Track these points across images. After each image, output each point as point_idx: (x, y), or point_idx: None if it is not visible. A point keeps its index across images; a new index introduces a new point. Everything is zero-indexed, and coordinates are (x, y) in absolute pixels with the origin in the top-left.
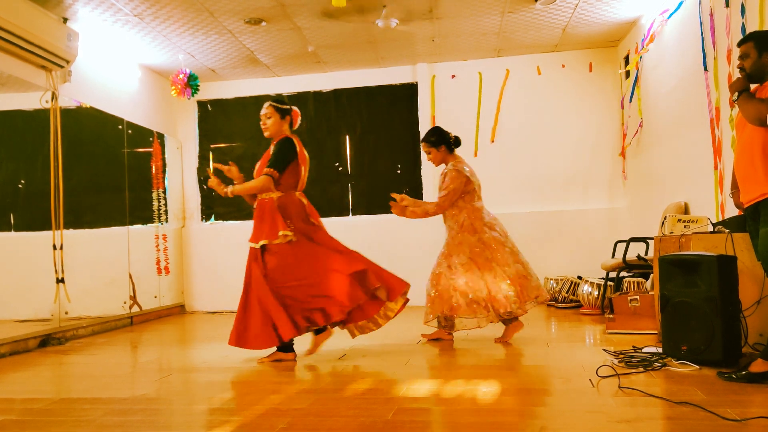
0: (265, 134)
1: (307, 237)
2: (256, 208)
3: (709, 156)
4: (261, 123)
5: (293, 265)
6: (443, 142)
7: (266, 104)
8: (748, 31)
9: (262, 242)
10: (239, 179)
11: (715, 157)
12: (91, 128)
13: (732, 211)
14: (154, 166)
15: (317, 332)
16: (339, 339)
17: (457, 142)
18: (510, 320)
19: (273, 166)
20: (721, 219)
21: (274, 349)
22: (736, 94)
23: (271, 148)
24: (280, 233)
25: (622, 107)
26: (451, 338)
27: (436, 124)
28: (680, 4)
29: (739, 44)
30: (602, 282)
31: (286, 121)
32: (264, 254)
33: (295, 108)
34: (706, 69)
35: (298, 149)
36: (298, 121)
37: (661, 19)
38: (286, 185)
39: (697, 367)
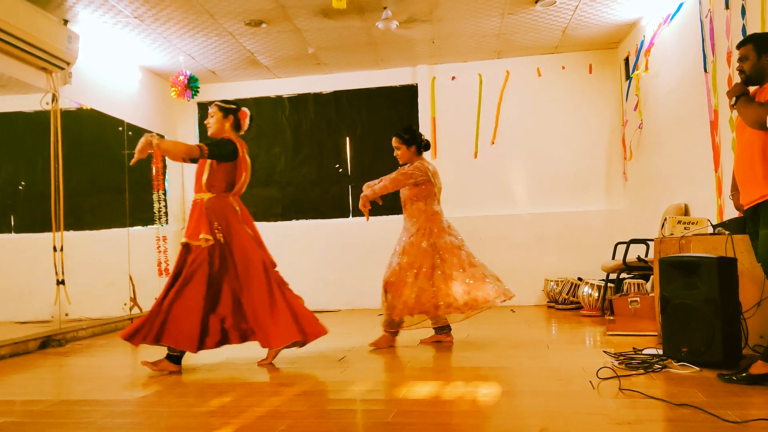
0: (208, 132)
1: (228, 249)
2: (191, 207)
3: (709, 157)
4: (206, 122)
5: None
6: (415, 142)
7: (215, 104)
8: (748, 33)
9: (184, 240)
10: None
11: (715, 159)
12: (92, 130)
13: (731, 213)
14: (154, 168)
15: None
16: (340, 340)
17: (426, 146)
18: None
19: (208, 145)
20: (720, 221)
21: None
22: (734, 98)
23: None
24: (201, 236)
25: (623, 108)
26: (451, 339)
27: (437, 126)
28: (680, 5)
29: (739, 46)
30: (602, 283)
31: (229, 120)
32: (186, 252)
33: (243, 109)
34: (706, 71)
35: (240, 152)
36: (246, 122)
37: (660, 22)
38: (219, 187)
39: (698, 368)
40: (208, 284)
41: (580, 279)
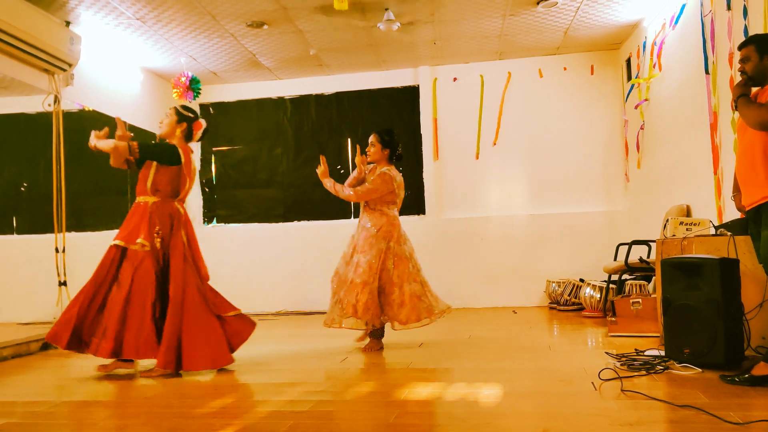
0: (158, 132)
1: (166, 257)
2: (130, 209)
3: (711, 158)
4: (159, 121)
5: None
6: (391, 147)
7: (175, 107)
8: (750, 34)
9: (117, 242)
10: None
11: (714, 161)
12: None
13: (732, 214)
14: None
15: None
16: (341, 340)
17: (399, 157)
18: (377, 332)
19: (140, 144)
20: (720, 222)
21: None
22: (735, 101)
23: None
24: (138, 241)
25: (624, 109)
26: (381, 346)
27: (439, 127)
28: (683, 7)
29: (740, 47)
30: (604, 285)
31: (181, 127)
32: (121, 255)
33: (199, 120)
34: (707, 72)
35: (183, 158)
36: (199, 134)
37: (663, 23)
38: (165, 191)
39: (700, 370)
40: (156, 290)
41: (581, 280)
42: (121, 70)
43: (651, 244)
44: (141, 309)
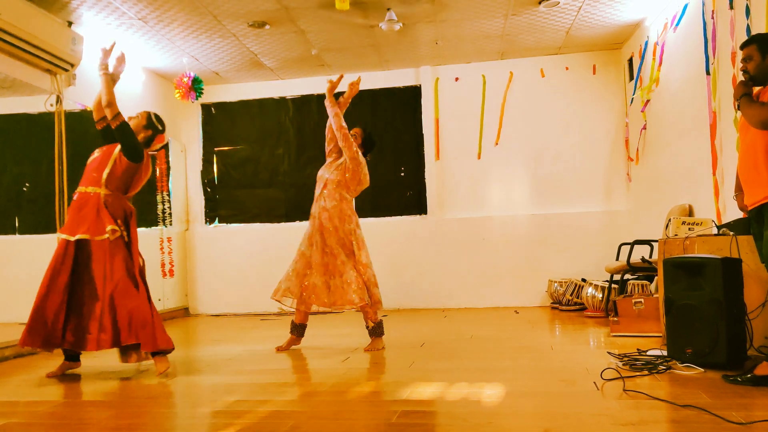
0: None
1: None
2: (75, 200)
3: (712, 158)
4: (129, 116)
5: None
6: (366, 145)
7: (150, 112)
8: (753, 33)
9: (79, 236)
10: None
11: (713, 162)
12: (96, 131)
13: (732, 214)
14: (158, 169)
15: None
16: (343, 341)
17: (366, 153)
18: (378, 330)
19: (124, 121)
20: (719, 222)
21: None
22: (737, 100)
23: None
24: (108, 228)
25: (626, 109)
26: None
27: (440, 127)
28: (685, 6)
29: (742, 47)
30: (606, 284)
31: (146, 133)
32: (77, 250)
33: (164, 134)
34: (708, 73)
35: (145, 159)
36: (157, 146)
37: (665, 22)
38: (117, 186)
39: (702, 370)
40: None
41: (583, 280)
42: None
43: (653, 243)
44: (144, 297)
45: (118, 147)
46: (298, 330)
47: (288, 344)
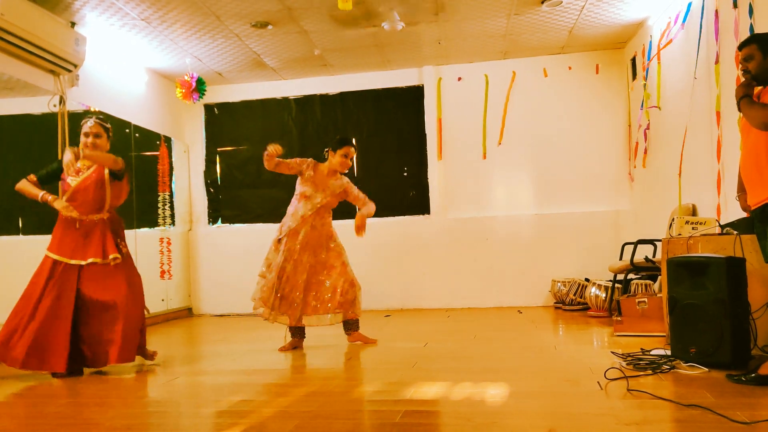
0: (91, 150)
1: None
2: (79, 229)
3: (714, 158)
4: (95, 141)
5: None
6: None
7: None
8: (756, 32)
9: (93, 259)
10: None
11: (717, 159)
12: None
13: (736, 214)
14: (161, 170)
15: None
16: (344, 341)
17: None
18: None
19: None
20: (720, 222)
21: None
22: (738, 101)
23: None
24: (111, 257)
25: (629, 109)
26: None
27: (443, 127)
28: (689, 6)
29: (741, 47)
30: (610, 284)
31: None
32: (81, 272)
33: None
34: (712, 71)
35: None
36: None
37: (669, 21)
38: (113, 204)
39: (706, 369)
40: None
41: (587, 280)
42: (126, 70)
43: (656, 243)
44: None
45: (106, 171)
46: (299, 332)
47: (290, 345)
